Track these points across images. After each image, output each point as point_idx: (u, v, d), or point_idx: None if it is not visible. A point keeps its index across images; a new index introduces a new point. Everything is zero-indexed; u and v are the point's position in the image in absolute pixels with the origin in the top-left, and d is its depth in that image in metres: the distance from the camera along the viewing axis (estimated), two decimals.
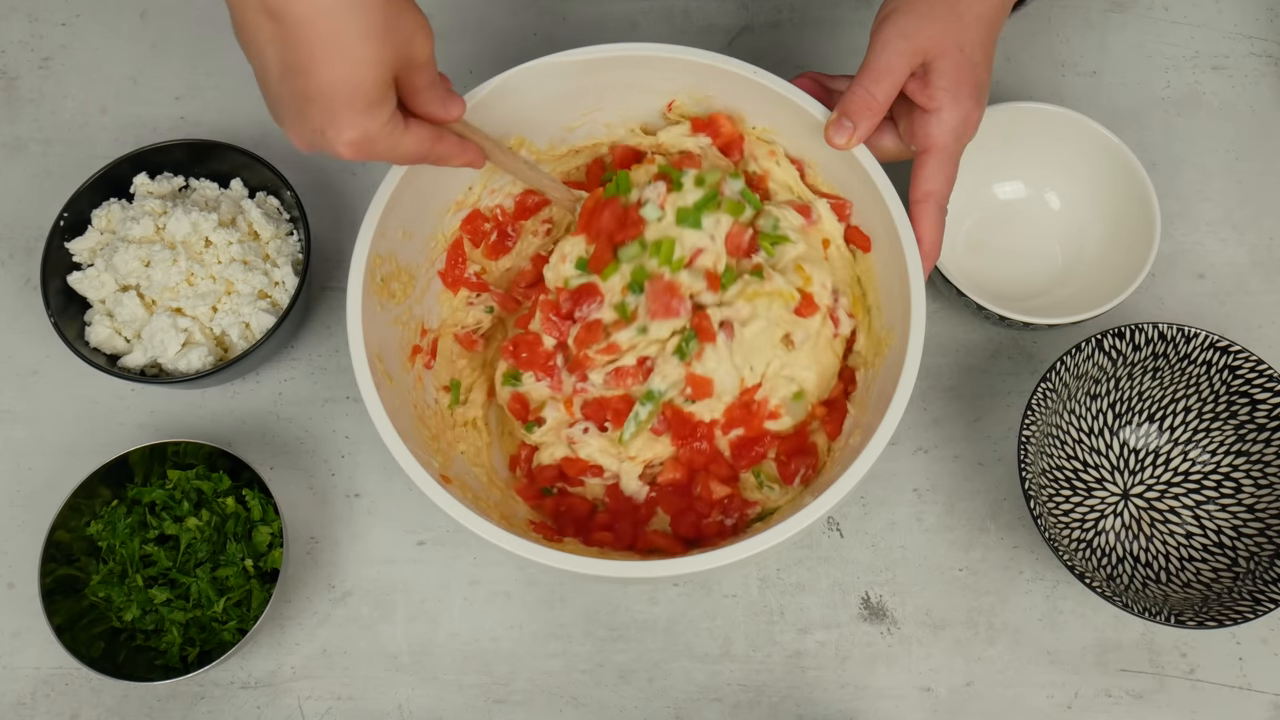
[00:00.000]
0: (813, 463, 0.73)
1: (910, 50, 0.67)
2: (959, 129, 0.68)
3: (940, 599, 0.79)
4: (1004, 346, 0.86)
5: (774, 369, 0.72)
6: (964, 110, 0.68)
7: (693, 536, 0.73)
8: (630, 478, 0.74)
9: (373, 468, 0.82)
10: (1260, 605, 0.70)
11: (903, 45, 0.67)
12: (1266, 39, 0.95)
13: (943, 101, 0.67)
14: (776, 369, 0.72)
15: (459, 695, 0.77)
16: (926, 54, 0.67)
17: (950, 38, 0.67)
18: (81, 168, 0.88)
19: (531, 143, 0.77)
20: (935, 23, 0.67)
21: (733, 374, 0.71)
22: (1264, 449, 0.77)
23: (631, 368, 0.72)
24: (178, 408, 0.84)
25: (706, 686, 0.77)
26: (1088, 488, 0.80)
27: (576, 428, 0.74)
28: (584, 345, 0.72)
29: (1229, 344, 0.75)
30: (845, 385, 0.76)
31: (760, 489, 0.73)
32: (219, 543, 0.76)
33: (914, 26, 0.67)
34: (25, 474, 0.83)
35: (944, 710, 0.76)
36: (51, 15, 0.96)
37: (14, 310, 0.87)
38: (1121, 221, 0.83)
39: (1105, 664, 0.77)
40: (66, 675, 0.77)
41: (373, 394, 0.65)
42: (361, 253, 0.68)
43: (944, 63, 0.67)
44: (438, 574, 0.80)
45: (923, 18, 0.67)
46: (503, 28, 0.96)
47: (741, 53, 0.73)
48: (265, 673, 0.77)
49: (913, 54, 0.67)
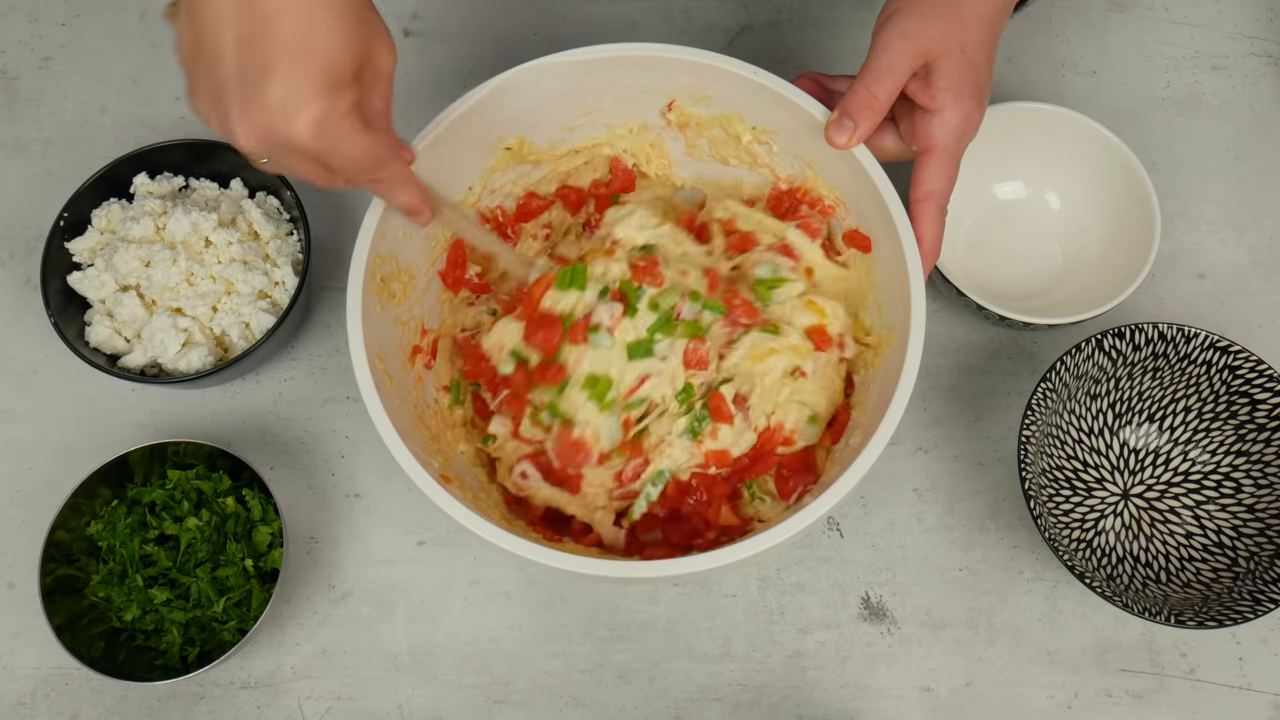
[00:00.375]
0: (812, 480, 0.73)
1: (912, 51, 0.67)
2: (961, 129, 0.68)
3: (940, 599, 0.79)
4: (1004, 346, 0.86)
5: (784, 397, 0.71)
6: (965, 110, 0.68)
7: (688, 545, 0.72)
8: (605, 526, 0.72)
9: (373, 468, 0.82)
10: (1260, 605, 0.70)
11: (905, 46, 0.67)
12: (1266, 39, 0.95)
13: (945, 102, 0.67)
14: (787, 396, 0.71)
15: (459, 695, 0.77)
16: (928, 55, 0.67)
17: (952, 38, 0.67)
18: (81, 168, 0.88)
19: (531, 143, 0.77)
20: (937, 23, 0.67)
21: (750, 436, 0.71)
22: (1264, 449, 0.77)
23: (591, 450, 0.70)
24: (178, 408, 0.84)
25: (706, 686, 0.77)
26: (1088, 488, 0.80)
27: (518, 469, 0.72)
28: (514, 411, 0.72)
29: (1229, 344, 0.75)
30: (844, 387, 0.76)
31: (753, 502, 0.73)
32: (219, 543, 0.76)
33: (916, 27, 0.67)
34: (25, 474, 0.83)
35: (944, 710, 0.76)
36: (51, 15, 0.96)
37: (14, 310, 0.87)
38: (1121, 221, 0.83)
39: (1105, 664, 0.77)
40: (66, 675, 0.77)
41: (373, 394, 0.65)
42: (361, 253, 0.68)
43: (946, 63, 0.67)
44: (438, 574, 0.80)
45: (925, 19, 0.67)
46: (503, 28, 0.96)
47: (741, 53, 0.73)
48: (265, 673, 0.77)
49: (915, 55, 0.67)
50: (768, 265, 0.73)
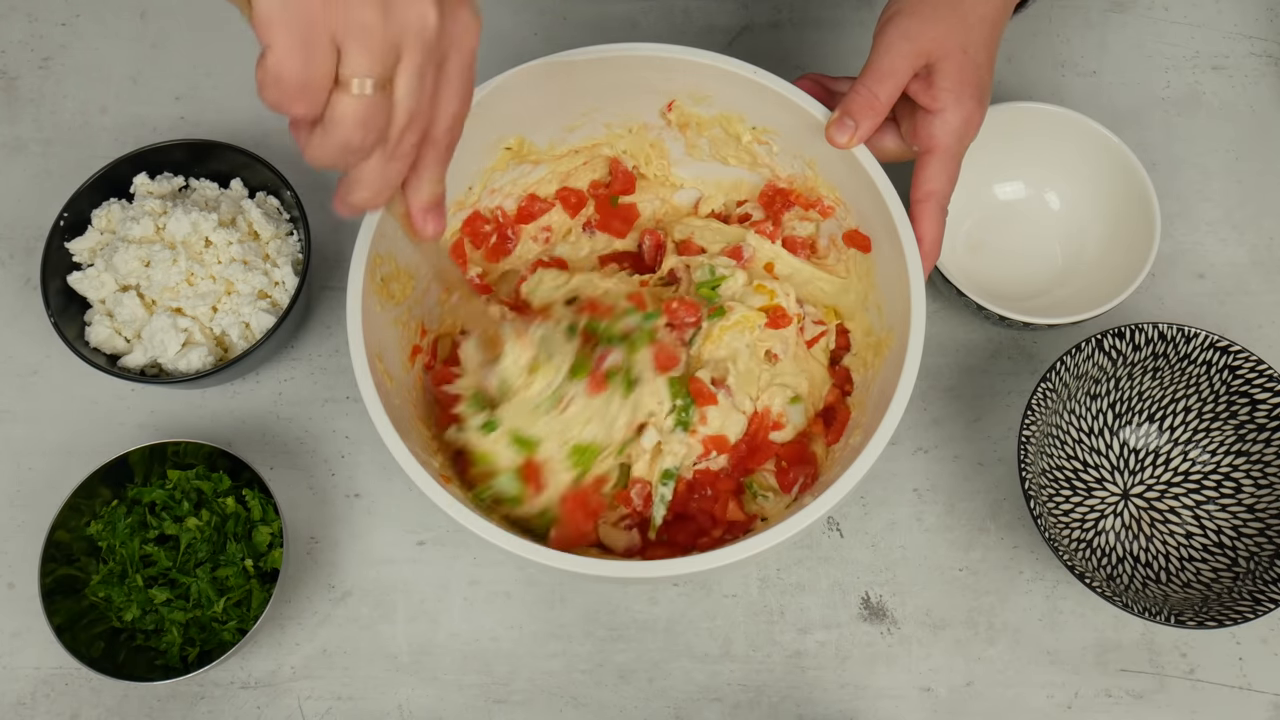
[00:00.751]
0: (812, 472, 0.73)
1: (914, 52, 0.67)
2: (962, 130, 0.68)
3: (940, 599, 0.79)
4: (1004, 346, 0.86)
5: (764, 382, 0.73)
6: (967, 111, 0.68)
7: (691, 545, 0.73)
8: (618, 542, 0.72)
9: (373, 468, 0.82)
10: (1260, 605, 0.70)
11: (906, 47, 0.67)
12: (1266, 39, 0.95)
13: (946, 102, 0.67)
14: (767, 381, 0.73)
15: (459, 695, 0.77)
16: (930, 55, 0.67)
17: (954, 39, 0.67)
18: (81, 167, 0.88)
19: (531, 143, 0.77)
20: (939, 25, 0.67)
21: (739, 418, 0.72)
22: (1264, 449, 0.77)
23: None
24: (178, 408, 0.84)
25: (706, 686, 0.77)
26: (1088, 488, 0.80)
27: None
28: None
29: (1229, 344, 0.75)
30: (843, 388, 0.76)
31: (755, 500, 0.73)
32: (219, 543, 0.76)
33: (918, 28, 0.67)
34: (25, 474, 0.83)
35: (944, 710, 0.76)
36: (51, 15, 0.96)
37: (14, 310, 0.87)
38: (1121, 221, 0.83)
39: (1105, 664, 0.77)
40: (66, 675, 0.77)
41: (373, 394, 0.65)
42: (361, 253, 0.68)
43: (948, 64, 0.67)
44: (438, 574, 0.80)
45: (926, 20, 0.67)
46: (503, 28, 0.96)
47: (741, 53, 0.73)
48: (265, 673, 0.77)
49: (916, 56, 0.67)
50: (705, 269, 0.75)
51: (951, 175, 0.69)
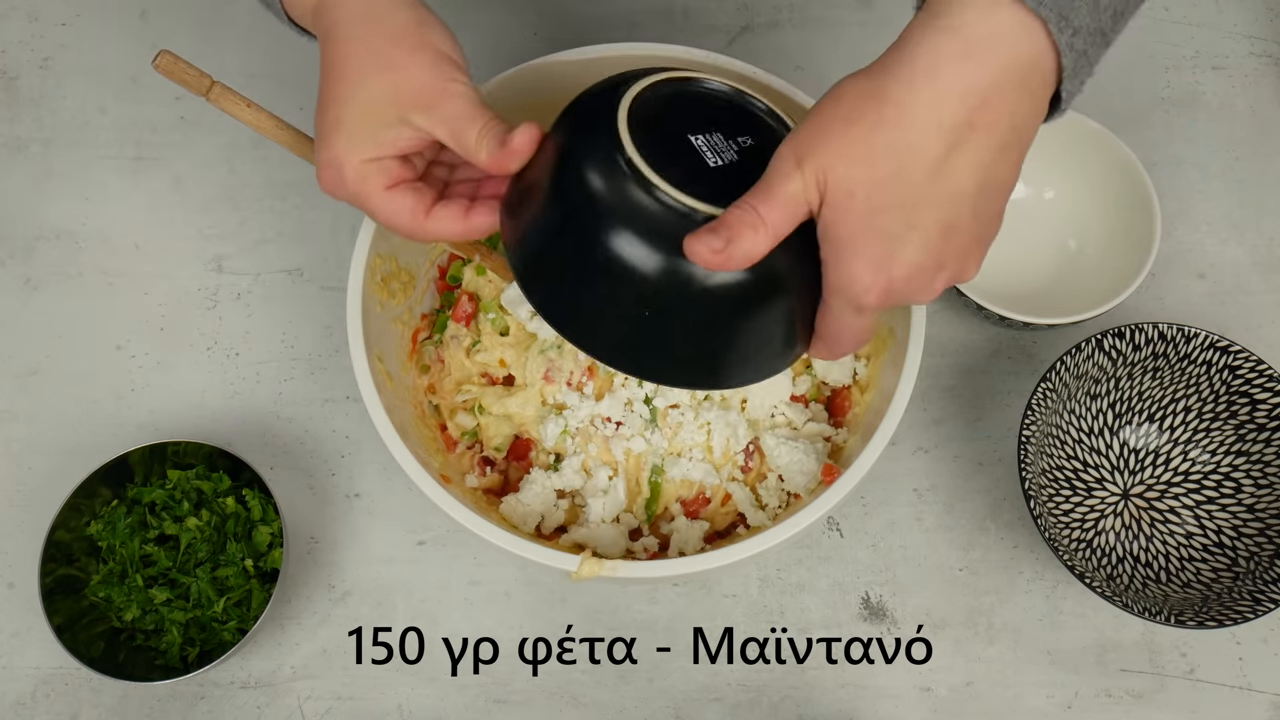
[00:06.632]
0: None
1: (801, 175, 0.50)
2: (846, 290, 0.52)
3: (940, 599, 0.79)
4: (1004, 346, 0.86)
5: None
6: (848, 272, 0.51)
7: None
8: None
9: (373, 468, 0.82)
10: (1260, 605, 0.70)
11: (790, 167, 0.51)
12: (1266, 39, 0.95)
13: (825, 254, 0.52)
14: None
15: (459, 695, 0.77)
16: (819, 186, 0.50)
17: (839, 171, 0.49)
18: (82, 167, 0.88)
19: None
20: (826, 149, 0.50)
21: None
22: (1264, 449, 0.77)
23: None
24: (178, 407, 0.84)
25: (706, 686, 0.77)
26: (1088, 488, 0.80)
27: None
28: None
29: (1229, 344, 0.75)
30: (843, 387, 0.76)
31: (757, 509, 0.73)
32: (219, 543, 0.76)
33: (809, 144, 0.50)
34: (25, 474, 0.83)
35: (944, 710, 0.76)
36: (51, 15, 0.96)
37: (14, 310, 0.87)
38: (1121, 221, 0.83)
39: (1105, 664, 0.77)
40: (66, 675, 0.77)
41: (373, 394, 0.65)
42: (361, 253, 0.68)
43: (827, 210, 0.51)
44: (438, 574, 0.80)
45: (815, 134, 0.50)
46: (503, 28, 0.96)
47: (741, 53, 0.73)
48: (265, 673, 0.77)
49: (807, 179, 0.50)
50: None
51: (841, 331, 0.55)
